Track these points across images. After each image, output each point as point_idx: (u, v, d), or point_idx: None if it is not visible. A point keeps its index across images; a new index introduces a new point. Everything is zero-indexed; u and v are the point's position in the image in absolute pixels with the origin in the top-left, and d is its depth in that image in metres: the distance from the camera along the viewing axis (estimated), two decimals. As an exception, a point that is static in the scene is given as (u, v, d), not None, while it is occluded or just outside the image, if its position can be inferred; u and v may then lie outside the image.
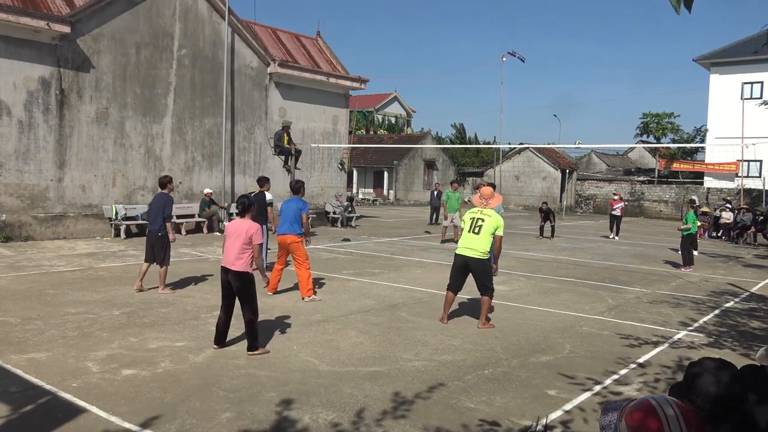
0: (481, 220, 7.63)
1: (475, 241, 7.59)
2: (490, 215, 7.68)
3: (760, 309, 9.59)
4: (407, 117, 64.75)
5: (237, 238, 6.34)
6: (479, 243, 7.58)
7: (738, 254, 17.68)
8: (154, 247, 9.26)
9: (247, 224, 6.42)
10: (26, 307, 8.04)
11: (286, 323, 7.62)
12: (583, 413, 4.98)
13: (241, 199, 6.66)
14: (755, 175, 32.11)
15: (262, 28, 22.45)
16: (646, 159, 51.86)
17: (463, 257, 7.68)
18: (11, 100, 14.80)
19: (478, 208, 7.85)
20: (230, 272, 6.33)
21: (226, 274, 6.38)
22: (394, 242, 17.51)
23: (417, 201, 41.87)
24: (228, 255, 6.36)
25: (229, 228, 6.53)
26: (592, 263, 14.27)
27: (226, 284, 6.41)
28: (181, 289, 9.56)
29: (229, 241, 6.40)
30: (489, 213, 7.71)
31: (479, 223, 7.61)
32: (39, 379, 5.36)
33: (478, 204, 7.91)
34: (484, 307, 7.73)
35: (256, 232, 6.40)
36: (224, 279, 6.42)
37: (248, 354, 6.24)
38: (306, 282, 9.06)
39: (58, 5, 15.76)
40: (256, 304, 6.43)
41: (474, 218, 7.70)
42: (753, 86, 32.81)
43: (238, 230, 6.38)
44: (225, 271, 6.39)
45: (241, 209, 6.54)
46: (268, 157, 20.53)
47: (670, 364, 6.40)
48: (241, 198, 6.70)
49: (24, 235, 15.02)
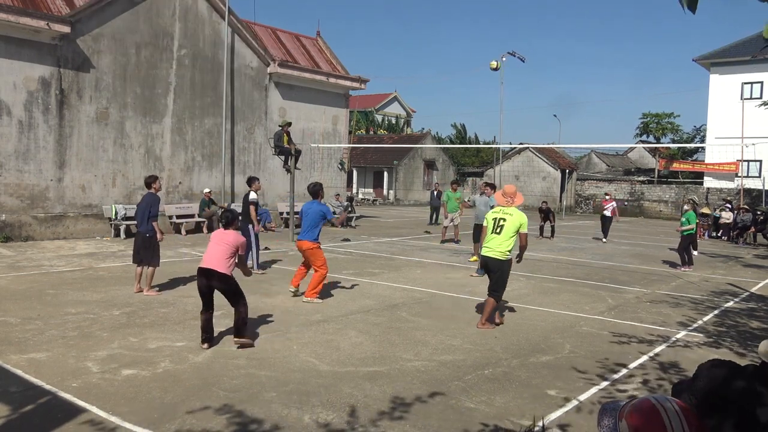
0: (503, 220, 7.64)
1: (496, 241, 7.62)
2: (512, 213, 7.67)
3: (759, 309, 9.59)
4: (407, 117, 64.75)
5: (222, 246, 6.42)
6: (500, 243, 7.60)
7: (738, 254, 17.68)
8: (141, 248, 9.19)
9: (234, 236, 6.55)
10: (26, 307, 8.04)
11: (286, 323, 7.62)
12: (583, 413, 4.98)
13: (226, 213, 6.84)
14: (755, 175, 32.12)
15: (262, 28, 22.46)
16: (646, 159, 51.89)
17: (484, 257, 7.77)
18: (11, 100, 14.80)
19: (500, 207, 7.85)
20: (214, 275, 6.37)
21: (207, 278, 6.41)
22: (394, 242, 17.51)
23: (417, 201, 41.88)
24: (210, 259, 6.40)
25: (215, 236, 6.62)
26: (592, 263, 14.27)
27: (205, 289, 6.47)
28: (181, 289, 9.56)
29: (213, 246, 6.47)
30: (511, 212, 7.71)
31: (501, 223, 7.63)
32: (39, 379, 5.36)
33: (501, 202, 7.89)
34: (488, 308, 7.68)
35: (242, 245, 6.53)
36: (203, 284, 6.45)
37: (234, 339, 6.41)
38: (316, 284, 8.91)
39: (58, 5, 15.77)
40: (245, 298, 6.59)
41: (496, 218, 7.72)
42: (753, 86, 32.81)
43: (225, 240, 6.47)
44: (206, 276, 6.41)
45: (225, 222, 6.68)
46: (268, 157, 20.53)
47: (670, 364, 6.40)
48: (225, 212, 6.86)
49: (24, 235, 15.02)
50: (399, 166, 42.26)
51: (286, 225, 19.22)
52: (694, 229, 14.22)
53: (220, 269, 6.35)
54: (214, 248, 6.45)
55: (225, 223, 6.69)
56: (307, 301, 8.86)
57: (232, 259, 6.45)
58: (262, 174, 20.95)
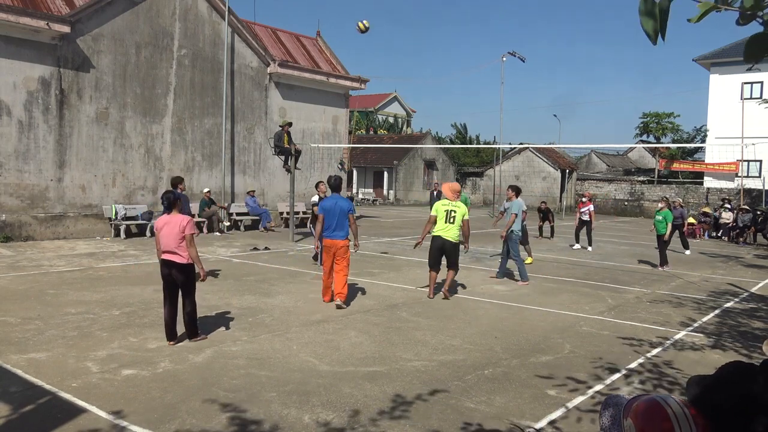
0: (453, 212, 9.32)
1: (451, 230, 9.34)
2: (460, 206, 9.40)
3: (760, 309, 9.59)
4: (407, 117, 64.75)
5: (170, 231, 6.40)
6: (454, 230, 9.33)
7: (738, 254, 17.67)
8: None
9: (179, 217, 6.50)
10: (26, 307, 8.04)
11: (286, 323, 7.61)
12: (583, 413, 4.98)
13: (167, 194, 6.68)
14: (755, 175, 32.10)
15: (262, 28, 22.45)
16: (646, 159, 51.88)
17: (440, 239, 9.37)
18: (11, 100, 14.80)
19: (449, 200, 9.43)
20: (174, 266, 6.42)
21: (169, 268, 6.46)
22: (394, 242, 17.51)
23: (417, 201, 41.87)
24: (165, 248, 6.43)
25: (158, 223, 6.55)
26: (592, 263, 14.27)
27: (168, 278, 6.51)
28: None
29: (162, 235, 6.45)
30: (458, 204, 9.40)
31: (453, 214, 9.32)
32: (39, 379, 5.36)
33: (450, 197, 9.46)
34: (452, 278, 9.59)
35: (188, 223, 6.47)
36: (166, 273, 6.51)
37: (190, 341, 6.50)
38: (345, 283, 8.62)
39: (58, 5, 15.77)
40: (194, 295, 6.64)
41: (448, 210, 9.35)
42: (753, 86, 32.80)
43: (171, 223, 6.44)
44: (167, 265, 6.46)
45: (167, 204, 6.58)
46: (268, 157, 20.53)
47: (670, 364, 6.40)
48: (166, 193, 6.72)
49: (24, 235, 15.02)
50: (399, 166, 42.24)
51: (286, 225, 19.21)
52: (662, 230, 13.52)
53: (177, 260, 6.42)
54: (163, 238, 6.45)
55: (167, 204, 6.56)
56: (339, 303, 8.46)
57: (183, 245, 6.43)
58: (262, 174, 20.97)
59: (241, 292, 9.43)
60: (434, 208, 9.52)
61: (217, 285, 9.94)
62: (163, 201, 6.68)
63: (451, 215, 9.32)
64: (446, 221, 9.32)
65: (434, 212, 9.45)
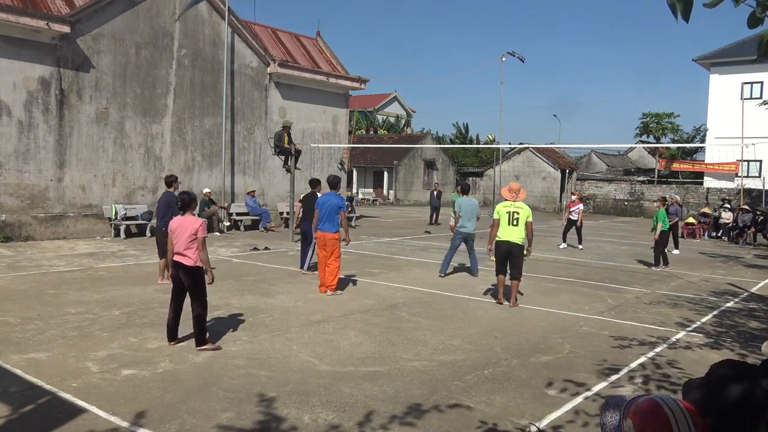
0: (516, 213, 8.89)
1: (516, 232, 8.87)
2: (522, 207, 8.96)
3: (759, 309, 9.59)
4: (407, 117, 64.73)
5: (182, 233, 6.38)
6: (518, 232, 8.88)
7: (738, 254, 17.67)
8: (162, 243, 9.52)
9: (192, 219, 6.48)
10: (26, 307, 8.04)
11: (286, 323, 7.62)
12: (582, 413, 4.98)
13: (182, 195, 6.61)
14: (755, 175, 32.10)
15: (262, 28, 22.45)
16: (646, 159, 51.85)
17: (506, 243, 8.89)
18: (11, 100, 14.80)
19: (509, 201, 9.02)
20: (181, 268, 6.40)
21: (177, 269, 6.45)
22: (394, 242, 17.51)
23: (417, 201, 41.87)
24: (176, 250, 6.42)
25: (173, 224, 6.54)
26: (592, 263, 14.27)
27: (176, 279, 6.51)
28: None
29: (175, 236, 6.44)
30: (521, 205, 8.97)
31: (516, 215, 8.88)
32: (39, 379, 5.36)
33: (508, 197, 9.08)
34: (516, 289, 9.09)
35: (201, 226, 6.45)
36: (174, 274, 6.52)
37: (197, 349, 6.35)
38: (336, 275, 9.39)
39: (58, 5, 15.77)
40: (205, 298, 6.52)
41: (510, 211, 8.92)
42: (753, 86, 32.80)
43: (183, 225, 6.43)
44: (176, 267, 6.47)
45: (182, 205, 6.54)
46: (267, 157, 20.53)
47: (670, 364, 6.40)
48: (182, 194, 6.64)
49: (24, 235, 15.02)
50: (399, 166, 42.24)
51: (286, 225, 19.21)
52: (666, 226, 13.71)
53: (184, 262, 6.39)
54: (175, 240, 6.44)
55: (182, 206, 6.52)
56: (330, 295, 9.23)
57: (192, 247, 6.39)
58: (262, 174, 20.97)
59: (241, 292, 9.43)
60: (495, 210, 9.10)
61: (217, 285, 9.90)
62: (177, 202, 6.64)
63: (514, 216, 8.86)
64: (509, 223, 8.86)
65: (496, 215, 9.03)
